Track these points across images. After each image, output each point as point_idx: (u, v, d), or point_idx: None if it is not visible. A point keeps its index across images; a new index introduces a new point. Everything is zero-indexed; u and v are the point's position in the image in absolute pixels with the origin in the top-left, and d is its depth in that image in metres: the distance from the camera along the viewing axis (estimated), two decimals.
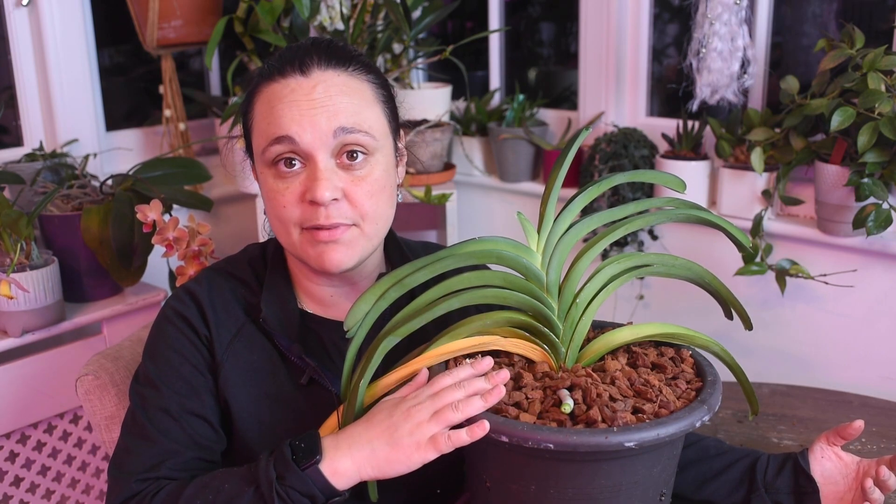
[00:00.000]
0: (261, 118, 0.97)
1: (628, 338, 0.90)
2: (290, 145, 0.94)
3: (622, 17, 2.12)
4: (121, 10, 2.14)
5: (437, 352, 0.87)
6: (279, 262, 1.06)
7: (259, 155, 0.97)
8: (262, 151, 0.96)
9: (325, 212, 0.93)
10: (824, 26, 1.99)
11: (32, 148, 2.00)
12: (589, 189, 0.88)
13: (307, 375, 1.00)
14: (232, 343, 1.01)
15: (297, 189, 0.95)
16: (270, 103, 0.96)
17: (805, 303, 1.87)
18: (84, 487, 1.83)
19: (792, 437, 1.26)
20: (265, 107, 0.97)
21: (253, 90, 1.00)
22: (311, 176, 0.94)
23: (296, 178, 0.95)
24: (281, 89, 0.96)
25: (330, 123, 0.94)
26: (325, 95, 0.95)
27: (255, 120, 0.98)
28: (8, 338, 1.63)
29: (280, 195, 0.95)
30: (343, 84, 0.96)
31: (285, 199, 0.95)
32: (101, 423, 1.19)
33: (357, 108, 0.96)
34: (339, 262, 0.96)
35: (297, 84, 0.95)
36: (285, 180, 0.95)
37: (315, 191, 0.92)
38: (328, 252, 0.95)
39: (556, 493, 0.78)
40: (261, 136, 0.97)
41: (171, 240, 1.51)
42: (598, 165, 2.07)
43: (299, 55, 0.97)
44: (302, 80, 0.96)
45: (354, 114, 0.95)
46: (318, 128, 0.93)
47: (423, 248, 1.15)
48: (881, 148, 1.58)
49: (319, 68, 0.96)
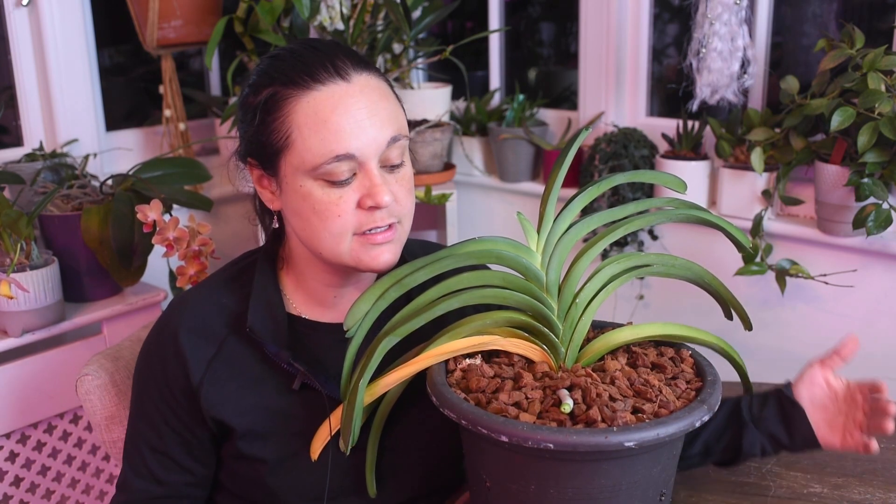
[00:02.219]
0: (309, 132, 0.92)
1: (628, 338, 0.90)
2: (349, 160, 0.93)
3: (622, 17, 2.12)
4: (121, 10, 2.14)
5: (436, 351, 0.87)
6: (267, 269, 1.05)
7: (305, 169, 0.93)
8: (312, 167, 0.93)
9: (382, 214, 0.95)
10: (824, 26, 1.99)
11: (32, 148, 2.00)
12: (589, 189, 0.88)
13: (298, 380, 0.99)
14: (212, 363, 1.00)
15: (353, 197, 0.94)
16: (319, 115, 0.92)
17: (805, 303, 1.87)
18: (84, 487, 1.83)
19: None
20: (312, 119, 0.92)
21: (279, 99, 0.94)
22: (367, 183, 0.94)
23: (349, 187, 0.94)
24: (327, 98, 0.93)
25: (383, 133, 0.94)
26: (371, 101, 0.94)
27: (298, 133, 0.93)
28: (8, 338, 1.63)
29: (334, 205, 0.94)
30: (377, 87, 0.96)
31: (340, 209, 0.94)
32: (101, 423, 1.19)
33: (396, 112, 0.97)
34: (392, 261, 0.98)
35: (344, 91, 0.93)
36: (339, 189, 0.94)
37: (377, 196, 0.93)
38: (383, 254, 0.96)
39: (556, 493, 0.78)
40: (309, 152, 0.92)
41: (171, 240, 1.51)
42: (598, 165, 2.07)
43: (329, 58, 0.95)
44: (346, 85, 0.93)
45: (396, 118, 0.96)
46: (375, 139, 0.93)
47: (420, 247, 1.15)
48: (881, 148, 1.58)
49: (355, 71, 0.95)
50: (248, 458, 1.00)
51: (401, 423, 1.01)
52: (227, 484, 1.05)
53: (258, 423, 1.00)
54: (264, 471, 0.99)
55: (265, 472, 1.00)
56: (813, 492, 1.10)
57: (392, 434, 1.00)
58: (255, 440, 0.99)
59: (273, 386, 1.01)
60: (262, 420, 1.00)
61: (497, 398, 0.81)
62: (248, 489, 1.03)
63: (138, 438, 1.04)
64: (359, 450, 0.95)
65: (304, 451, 0.97)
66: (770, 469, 1.16)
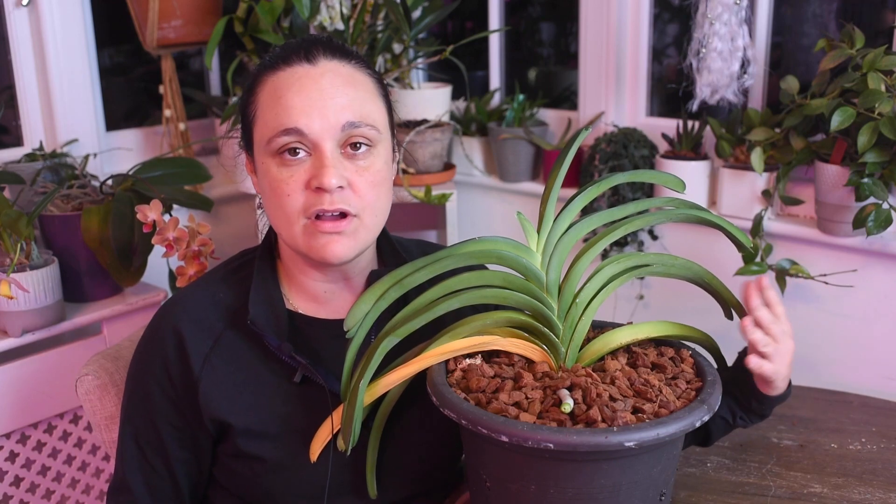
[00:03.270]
0: (266, 108, 0.97)
1: (628, 338, 0.90)
2: (297, 136, 0.94)
3: (622, 17, 2.12)
4: (121, 10, 2.14)
5: (436, 351, 0.87)
6: (267, 263, 1.06)
7: (262, 145, 0.97)
8: (266, 142, 0.96)
9: (330, 198, 0.94)
10: (824, 26, 1.99)
11: (32, 148, 2.00)
12: (589, 189, 0.88)
13: (299, 373, 0.99)
14: (208, 358, 1.00)
15: (303, 177, 0.94)
16: (277, 92, 0.96)
17: (805, 303, 1.87)
18: (84, 487, 1.83)
19: (792, 437, 1.26)
20: (270, 97, 0.96)
21: (255, 81, 1.00)
22: (317, 164, 0.94)
23: (300, 167, 0.95)
24: (287, 77, 0.96)
25: (338, 117, 0.94)
26: (331, 85, 0.95)
27: (260, 110, 0.98)
28: (8, 338, 1.63)
29: (284, 183, 0.95)
30: (349, 75, 0.97)
31: (289, 188, 0.95)
32: (101, 423, 1.19)
33: (363, 101, 0.97)
34: (341, 254, 0.96)
35: (305, 72, 0.96)
36: (290, 168, 0.95)
37: (322, 177, 0.93)
38: (331, 244, 0.95)
39: (556, 493, 0.78)
40: (265, 127, 0.96)
41: (171, 240, 1.51)
42: (598, 165, 2.07)
43: (304, 45, 0.98)
44: (309, 67, 0.96)
45: (361, 107, 0.96)
46: (327, 119, 0.94)
47: (417, 247, 1.15)
48: (881, 148, 1.58)
49: (325, 58, 0.97)
50: (247, 456, 0.99)
51: (401, 423, 1.01)
52: (223, 482, 1.05)
53: (257, 421, 0.99)
54: (262, 470, 0.99)
55: (263, 472, 0.99)
56: (813, 492, 1.10)
57: (392, 434, 1.00)
58: (253, 438, 0.99)
59: (272, 381, 1.00)
60: (261, 417, 0.99)
61: (497, 398, 0.81)
62: (244, 488, 1.02)
63: (135, 437, 1.03)
64: (358, 449, 0.95)
65: (303, 451, 0.96)
66: (770, 469, 1.17)
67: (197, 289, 1.06)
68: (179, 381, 1.00)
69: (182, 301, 1.04)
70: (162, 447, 1.02)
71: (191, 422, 1.01)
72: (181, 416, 1.01)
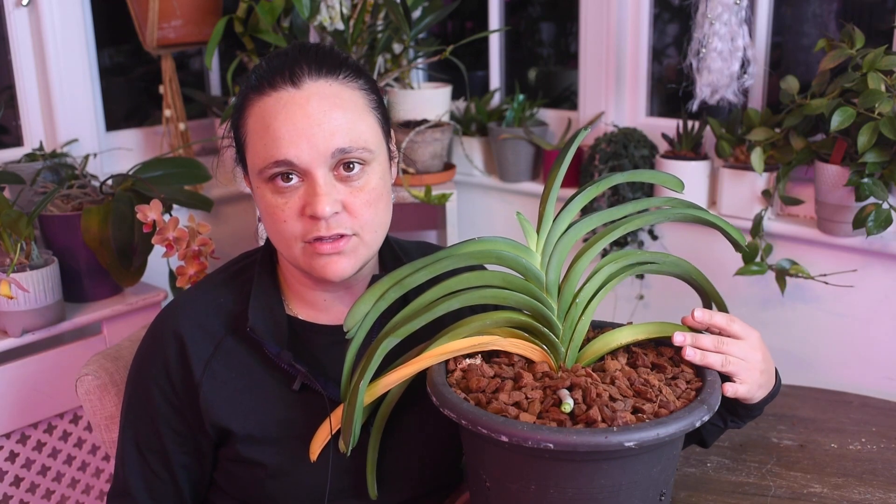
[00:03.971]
0: (255, 136, 0.95)
1: (628, 338, 0.90)
2: (288, 167, 0.93)
3: (622, 17, 2.12)
4: (121, 10, 2.14)
5: (436, 351, 0.87)
6: (267, 269, 1.05)
7: (255, 172, 0.96)
8: (258, 171, 0.95)
9: (326, 224, 0.93)
10: (824, 26, 1.99)
11: (32, 148, 2.00)
12: (588, 189, 0.88)
13: (299, 381, 0.99)
14: (209, 363, 1.00)
15: (297, 204, 0.94)
16: (264, 121, 0.94)
17: (805, 303, 1.87)
18: (84, 487, 1.83)
19: (792, 437, 1.26)
20: (259, 124, 0.95)
21: (243, 102, 0.98)
22: (310, 191, 0.93)
23: (294, 193, 0.94)
24: (273, 104, 0.94)
25: (328, 144, 0.93)
26: (319, 110, 0.93)
27: (249, 137, 0.97)
28: (8, 338, 1.63)
29: (279, 210, 0.95)
30: (335, 96, 0.95)
31: (285, 215, 0.94)
32: (101, 423, 1.19)
33: (352, 122, 0.95)
34: (342, 272, 0.96)
35: (290, 97, 0.93)
36: (284, 196, 0.94)
37: (315, 206, 0.92)
38: (331, 264, 0.95)
39: (556, 493, 0.78)
40: (256, 156, 0.95)
41: (171, 240, 1.51)
42: (598, 165, 2.07)
43: (288, 64, 0.95)
44: (294, 92, 0.94)
45: (350, 129, 0.94)
46: (316, 147, 0.92)
47: (417, 248, 1.14)
48: (881, 148, 1.58)
49: (311, 78, 0.95)
50: (247, 461, 0.99)
51: (401, 424, 1.01)
52: (224, 486, 1.05)
53: (257, 427, 0.99)
54: (263, 475, 0.99)
55: (264, 477, 0.99)
56: (813, 492, 1.10)
57: (392, 435, 1.00)
58: (254, 444, 0.99)
59: (272, 388, 1.00)
60: (262, 423, 0.99)
61: (497, 398, 0.81)
62: (245, 492, 1.02)
63: (135, 440, 1.03)
64: (358, 451, 0.95)
65: (303, 456, 0.96)
66: (770, 469, 1.17)
67: (199, 293, 1.06)
68: (180, 385, 1.00)
69: (184, 305, 1.04)
70: (163, 451, 1.02)
71: (192, 426, 1.01)
72: (182, 419, 1.01)
